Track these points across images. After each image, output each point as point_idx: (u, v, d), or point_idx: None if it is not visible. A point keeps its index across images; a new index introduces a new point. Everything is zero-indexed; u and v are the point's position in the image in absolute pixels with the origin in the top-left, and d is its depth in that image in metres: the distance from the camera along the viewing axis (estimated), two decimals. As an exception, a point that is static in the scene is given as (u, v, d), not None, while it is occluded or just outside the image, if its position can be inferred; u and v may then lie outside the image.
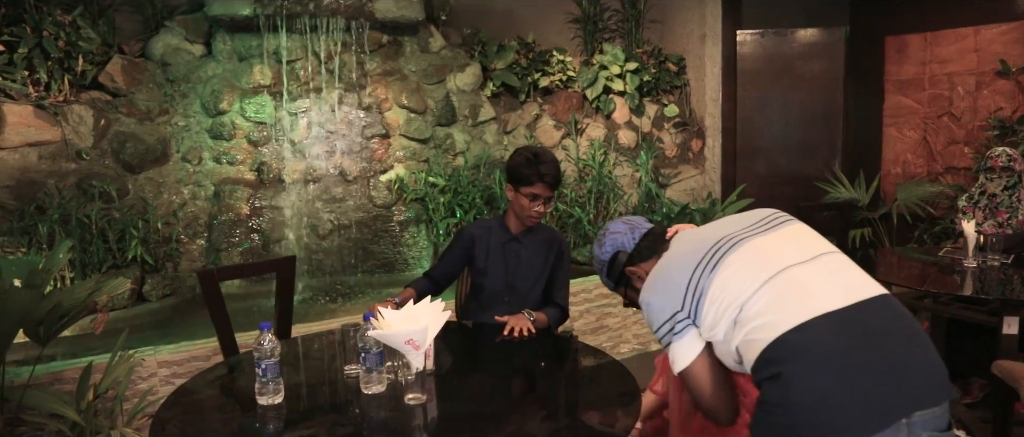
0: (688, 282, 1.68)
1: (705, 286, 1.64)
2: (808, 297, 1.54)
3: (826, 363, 1.46)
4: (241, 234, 5.13)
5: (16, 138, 4.44)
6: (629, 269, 1.94)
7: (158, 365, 3.32)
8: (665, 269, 1.78)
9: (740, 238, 1.69)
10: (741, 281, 1.60)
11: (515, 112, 6.06)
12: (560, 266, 2.84)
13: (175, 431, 1.87)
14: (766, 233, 1.71)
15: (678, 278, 1.70)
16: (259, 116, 5.20)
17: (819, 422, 1.43)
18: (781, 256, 1.63)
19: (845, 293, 1.56)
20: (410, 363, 1.94)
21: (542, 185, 2.65)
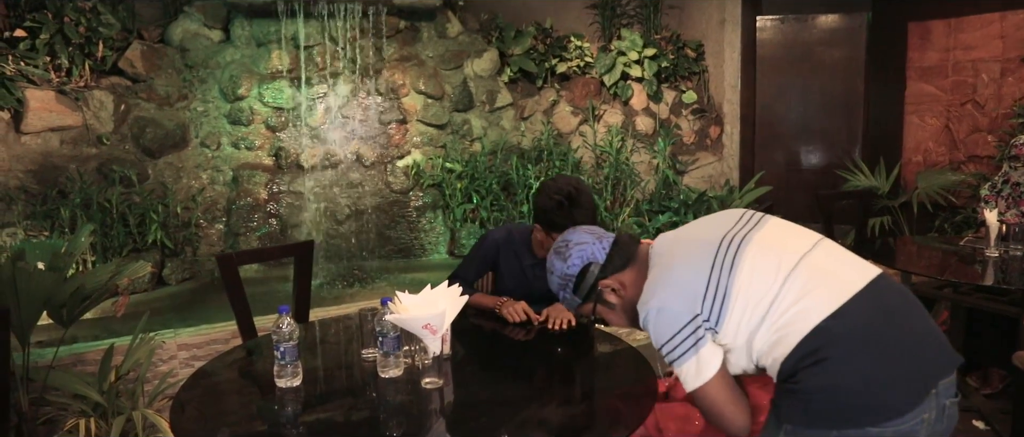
0: (706, 284, 1.59)
1: (727, 286, 1.58)
2: (833, 281, 1.55)
3: (865, 345, 1.49)
4: (259, 219, 5.16)
5: (38, 123, 4.49)
6: (603, 282, 1.77)
7: (178, 348, 3.36)
8: (673, 273, 1.65)
9: (742, 235, 1.65)
10: (764, 276, 1.57)
11: (532, 98, 6.04)
12: None
13: (194, 412, 1.89)
14: (759, 228, 1.68)
15: (693, 281, 1.61)
16: (277, 101, 5.22)
17: (867, 403, 1.46)
18: (791, 247, 1.63)
19: (858, 275, 1.58)
20: (427, 347, 1.94)
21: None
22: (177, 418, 1.84)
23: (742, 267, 1.58)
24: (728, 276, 1.58)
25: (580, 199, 2.34)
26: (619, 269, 1.76)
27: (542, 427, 1.76)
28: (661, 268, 1.68)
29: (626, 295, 1.76)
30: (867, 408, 1.46)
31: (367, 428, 1.84)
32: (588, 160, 6.00)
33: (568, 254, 1.80)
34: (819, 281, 1.55)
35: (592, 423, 1.83)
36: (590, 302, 1.81)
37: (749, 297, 1.56)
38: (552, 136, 5.92)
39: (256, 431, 1.84)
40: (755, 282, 1.57)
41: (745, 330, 1.58)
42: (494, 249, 2.67)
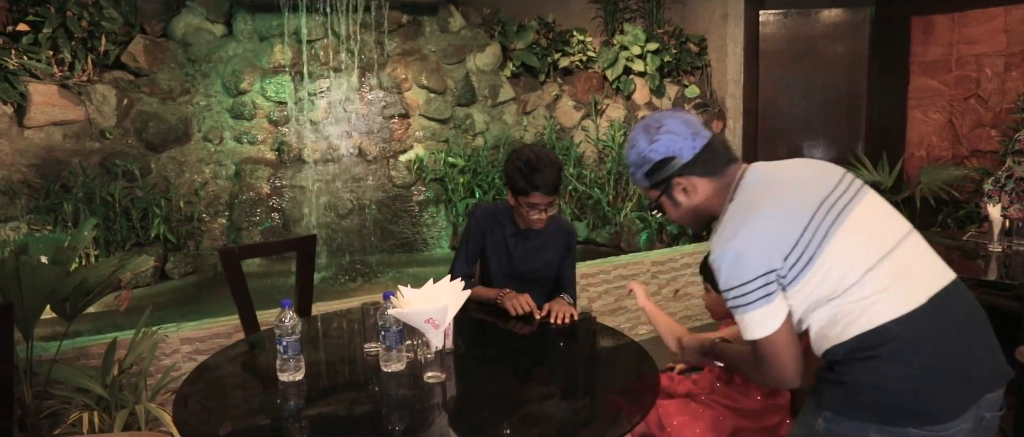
0: (794, 244, 1.53)
1: (814, 254, 1.52)
2: (910, 282, 1.54)
3: (921, 352, 1.49)
4: (262, 213, 5.17)
5: (41, 117, 4.49)
6: (677, 179, 1.69)
7: (181, 341, 3.37)
8: (760, 221, 1.56)
9: (841, 205, 1.58)
10: (852, 258, 1.53)
11: (535, 92, 6.04)
12: (570, 257, 2.77)
13: (197, 406, 1.89)
14: (858, 201, 1.60)
15: (780, 236, 1.54)
16: (279, 96, 5.22)
17: (912, 406, 1.48)
18: (884, 234, 1.59)
19: (933, 278, 1.57)
20: (429, 342, 1.95)
21: (539, 194, 2.49)
22: (180, 412, 1.85)
23: (835, 240, 1.53)
24: (818, 244, 1.52)
25: (540, 162, 2.46)
26: (700, 174, 1.68)
27: (544, 421, 1.77)
28: (748, 207, 1.60)
29: (695, 200, 1.70)
30: (911, 411, 1.48)
31: (369, 422, 1.84)
32: (591, 154, 5.99)
33: (656, 138, 1.69)
34: (898, 280, 1.53)
35: (594, 418, 1.83)
36: (658, 191, 1.74)
37: (830, 272, 1.52)
38: (554, 130, 5.91)
39: (258, 425, 1.84)
40: (843, 260, 1.52)
41: (811, 299, 1.54)
42: (480, 223, 2.73)
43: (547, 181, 2.46)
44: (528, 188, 2.47)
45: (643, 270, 4.57)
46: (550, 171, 2.47)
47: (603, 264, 4.46)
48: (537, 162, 2.46)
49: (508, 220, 2.72)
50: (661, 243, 5.23)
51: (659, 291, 4.64)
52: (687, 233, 5.18)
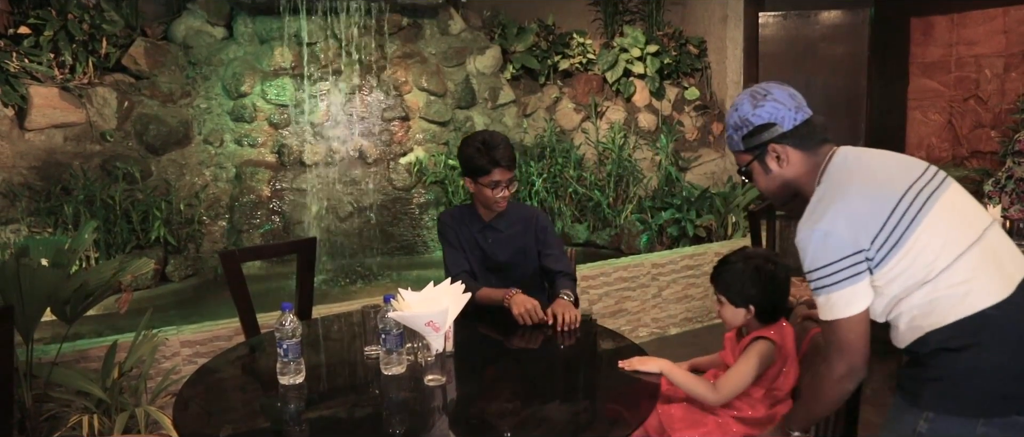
0: (882, 225, 1.55)
1: (903, 236, 1.53)
2: (1000, 270, 1.55)
3: (1021, 337, 1.50)
4: (262, 216, 5.17)
5: (42, 120, 4.50)
6: (774, 146, 1.72)
7: (181, 344, 3.37)
8: (849, 201, 1.58)
9: (930, 190, 1.59)
10: (942, 242, 1.54)
11: (535, 95, 6.04)
12: (547, 239, 2.77)
13: (198, 409, 1.89)
14: (945, 190, 1.62)
15: (868, 217, 1.56)
16: (280, 98, 5.23)
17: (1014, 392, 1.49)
18: (972, 221, 1.60)
19: (1019, 265, 1.59)
20: (430, 345, 1.95)
21: (500, 170, 2.54)
22: (180, 415, 1.85)
23: (924, 223, 1.54)
24: (908, 226, 1.54)
25: (494, 139, 2.56)
26: (795, 146, 1.72)
27: (544, 425, 1.76)
28: (837, 187, 1.63)
29: (786, 171, 1.74)
30: (1017, 396, 1.49)
31: (370, 425, 1.84)
32: (591, 157, 5.99)
33: (761, 104, 1.73)
34: (989, 265, 1.54)
35: (594, 421, 1.83)
36: (750, 155, 1.77)
37: (920, 255, 1.53)
38: (555, 133, 5.91)
39: (259, 428, 1.84)
40: (932, 243, 1.53)
41: (901, 283, 1.55)
42: (450, 226, 2.76)
43: (506, 155, 2.54)
44: (489, 165, 2.53)
45: (643, 272, 4.57)
46: (506, 147, 2.56)
47: (603, 266, 4.46)
48: (492, 139, 2.57)
49: (472, 218, 2.75)
50: (661, 245, 5.24)
51: (660, 293, 4.64)
52: (688, 235, 5.18)
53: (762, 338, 2.01)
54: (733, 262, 2.06)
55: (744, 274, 2.02)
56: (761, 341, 2.00)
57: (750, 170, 1.80)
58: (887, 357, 4.35)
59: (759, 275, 2.01)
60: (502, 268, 2.74)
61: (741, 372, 1.99)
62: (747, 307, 2.04)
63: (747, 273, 2.02)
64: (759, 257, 2.05)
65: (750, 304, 2.03)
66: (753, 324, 2.06)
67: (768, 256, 2.06)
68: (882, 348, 2.82)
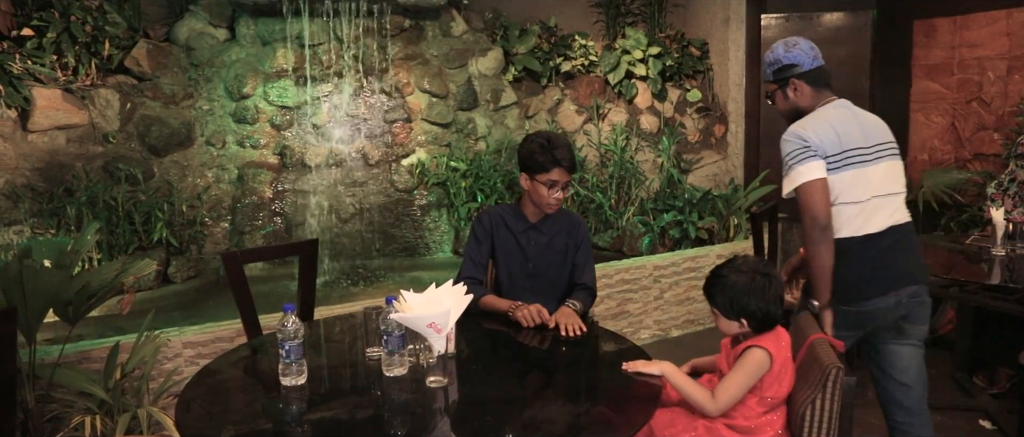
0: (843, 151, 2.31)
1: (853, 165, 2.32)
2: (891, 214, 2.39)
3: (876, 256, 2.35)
4: (264, 217, 5.17)
5: (45, 121, 4.50)
6: (795, 80, 2.44)
7: (183, 345, 3.37)
8: (823, 125, 2.33)
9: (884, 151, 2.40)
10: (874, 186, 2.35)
11: (537, 97, 6.04)
12: (582, 248, 2.75)
13: (200, 410, 1.89)
14: (892, 157, 2.42)
15: (831, 142, 2.31)
16: (282, 100, 5.23)
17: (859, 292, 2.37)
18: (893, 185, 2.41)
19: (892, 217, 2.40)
20: (432, 346, 1.95)
21: (560, 170, 2.55)
22: (182, 416, 1.85)
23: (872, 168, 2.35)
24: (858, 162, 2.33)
25: (558, 140, 2.59)
26: (808, 82, 2.44)
27: (547, 426, 1.76)
28: (820, 116, 2.38)
29: (799, 100, 2.46)
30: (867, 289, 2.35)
31: (371, 427, 1.84)
32: (593, 159, 5.99)
33: (792, 50, 2.45)
34: (874, 214, 2.35)
35: (596, 423, 1.83)
36: (776, 84, 2.49)
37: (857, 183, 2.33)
38: (556, 134, 5.91)
39: (261, 429, 1.84)
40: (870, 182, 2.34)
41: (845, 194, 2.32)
42: (487, 226, 2.73)
43: (567, 156, 2.56)
44: (549, 163, 2.54)
45: (645, 274, 4.57)
46: (568, 148, 2.59)
47: (605, 268, 4.45)
48: (556, 139, 2.59)
49: (516, 218, 2.72)
50: (663, 247, 5.23)
51: (661, 295, 4.63)
52: (689, 237, 5.18)
53: (756, 347, 2.01)
54: (724, 275, 2.06)
55: (736, 288, 2.02)
56: (755, 350, 2.00)
57: (773, 95, 2.52)
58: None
59: (751, 288, 2.01)
60: (539, 274, 2.71)
61: (735, 382, 1.99)
62: (739, 320, 2.04)
63: (739, 287, 2.02)
64: (750, 270, 2.04)
65: (742, 317, 2.04)
66: (748, 333, 2.06)
67: (758, 268, 2.05)
68: (884, 350, 2.76)
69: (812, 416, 1.95)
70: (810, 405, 1.95)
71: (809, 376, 2.01)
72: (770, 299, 2.02)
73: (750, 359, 2.00)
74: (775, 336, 2.04)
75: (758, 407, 2.04)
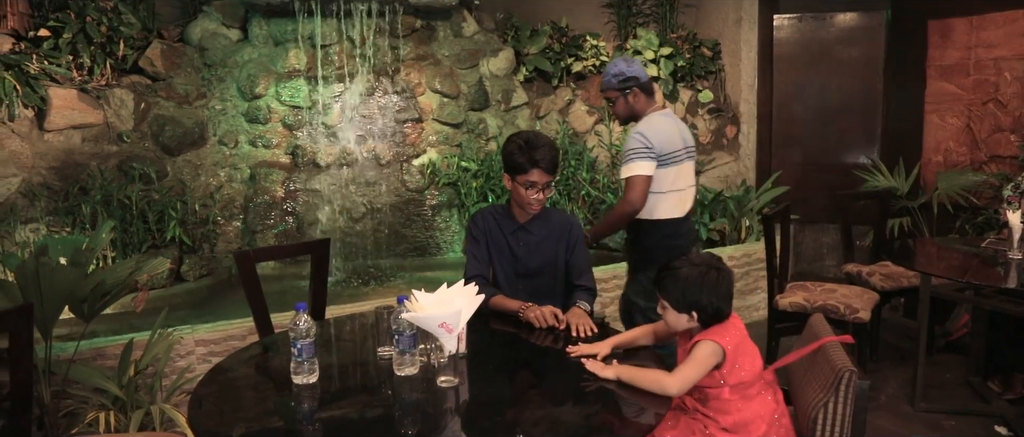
0: (668, 152, 3.07)
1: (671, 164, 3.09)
2: (687, 204, 3.22)
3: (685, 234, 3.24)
4: (276, 216, 5.20)
5: (61, 121, 4.54)
6: (635, 88, 3.13)
7: (195, 343, 3.39)
8: (662, 132, 3.07)
9: (682, 158, 3.16)
10: (678, 181, 3.14)
11: (548, 97, 6.04)
12: (577, 249, 2.72)
13: (212, 408, 1.91)
14: (688, 161, 3.21)
15: (662, 144, 3.05)
16: (294, 100, 5.26)
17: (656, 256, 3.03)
18: (689, 178, 3.23)
19: (690, 205, 3.25)
20: (443, 346, 1.95)
21: (538, 171, 2.53)
22: (195, 413, 1.86)
23: (686, 166, 3.19)
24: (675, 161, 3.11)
25: (538, 139, 2.59)
26: (643, 91, 3.15)
27: (557, 427, 1.76)
28: (657, 122, 3.09)
29: (634, 104, 3.16)
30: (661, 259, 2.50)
31: (382, 426, 1.84)
32: (604, 159, 5.99)
33: (632, 64, 3.15)
34: (678, 203, 3.17)
35: (607, 424, 1.83)
36: (618, 91, 3.14)
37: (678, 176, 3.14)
38: (567, 135, 5.91)
39: (273, 427, 1.85)
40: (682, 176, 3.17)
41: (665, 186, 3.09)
42: (480, 228, 2.73)
43: (546, 157, 2.54)
44: (527, 164, 2.53)
45: (656, 275, 4.55)
46: (548, 149, 2.56)
47: (616, 269, 4.45)
48: (536, 140, 2.57)
49: (506, 218, 2.72)
50: (675, 248, 5.22)
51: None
52: (700, 238, 5.16)
53: (706, 340, 2.00)
54: (677, 268, 2.05)
55: (688, 281, 2.01)
56: (705, 343, 2.00)
57: (615, 101, 3.18)
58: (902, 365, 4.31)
59: (702, 282, 2.00)
60: (531, 274, 2.70)
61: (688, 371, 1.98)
62: (689, 313, 2.04)
63: (691, 279, 2.01)
64: (703, 264, 2.04)
65: (692, 310, 2.03)
66: (696, 328, 2.06)
67: (711, 262, 2.05)
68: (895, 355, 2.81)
69: (824, 420, 1.94)
70: (822, 408, 1.94)
71: (821, 378, 2.00)
72: (721, 294, 2.01)
73: (701, 351, 1.99)
74: (724, 327, 2.03)
75: (732, 395, 2.03)
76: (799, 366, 2.17)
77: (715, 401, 2.04)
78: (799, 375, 2.15)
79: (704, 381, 2.02)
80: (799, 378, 2.15)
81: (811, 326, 2.28)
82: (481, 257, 2.73)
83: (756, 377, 2.05)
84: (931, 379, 3.87)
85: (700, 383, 2.03)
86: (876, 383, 3.91)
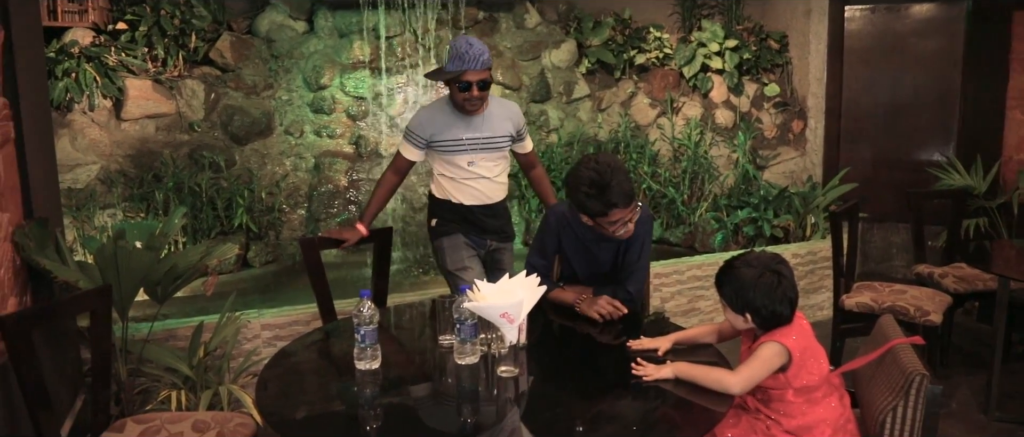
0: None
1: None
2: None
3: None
4: (339, 205, 5.29)
5: (137, 111, 4.72)
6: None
7: (261, 327, 3.49)
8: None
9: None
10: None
11: (610, 89, 5.99)
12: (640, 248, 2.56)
13: (277, 390, 1.96)
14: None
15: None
16: (358, 91, 5.34)
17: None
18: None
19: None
20: (504, 336, 1.96)
21: (618, 210, 2.30)
22: (261, 395, 1.91)
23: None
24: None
25: (609, 175, 2.26)
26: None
27: (616, 421, 1.75)
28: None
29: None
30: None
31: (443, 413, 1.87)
32: (666, 153, 5.91)
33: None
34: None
35: (667, 419, 1.81)
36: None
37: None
38: (629, 128, 5.85)
39: (335, 411, 1.89)
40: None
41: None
42: (557, 227, 2.63)
43: (622, 192, 2.27)
44: (604, 209, 2.29)
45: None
46: (620, 179, 2.28)
47: (677, 264, 4.39)
48: (604, 176, 2.26)
49: (582, 226, 2.53)
50: (737, 244, 5.12)
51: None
52: (764, 235, 5.05)
53: (771, 341, 1.95)
54: (735, 267, 2.00)
55: (743, 281, 1.96)
56: (770, 344, 1.95)
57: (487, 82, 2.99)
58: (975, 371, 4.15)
59: (757, 284, 1.95)
60: (607, 274, 2.61)
61: (752, 369, 1.94)
62: (744, 314, 1.99)
63: (746, 281, 1.96)
64: (761, 265, 1.97)
65: (746, 312, 1.98)
66: (755, 330, 2.01)
67: (770, 264, 1.98)
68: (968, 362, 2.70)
69: (892, 424, 1.88)
70: (891, 412, 1.88)
71: (890, 381, 1.94)
72: (777, 298, 1.94)
73: (766, 351, 1.95)
74: (789, 329, 1.97)
75: (797, 398, 1.98)
76: (866, 367, 2.11)
77: (779, 403, 2.00)
78: (866, 377, 2.09)
79: (768, 382, 1.98)
80: (866, 380, 2.09)
81: (880, 327, 2.21)
82: (548, 251, 2.68)
83: (822, 380, 2.00)
84: (1007, 387, 3.71)
85: (763, 384, 1.99)
86: (947, 389, 3.77)
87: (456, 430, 1.77)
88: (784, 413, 1.99)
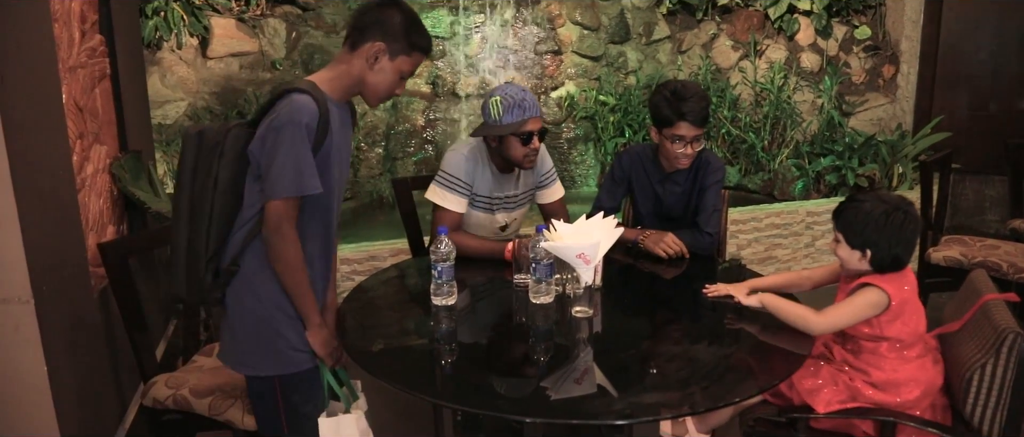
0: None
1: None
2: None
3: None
4: (416, 144, 5.35)
5: (221, 49, 4.85)
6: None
7: (340, 261, 3.59)
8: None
9: None
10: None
11: (691, 31, 5.81)
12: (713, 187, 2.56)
13: (354, 323, 2.03)
14: None
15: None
16: (435, 30, 5.33)
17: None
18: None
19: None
20: (579, 277, 1.97)
21: (686, 124, 2.39)
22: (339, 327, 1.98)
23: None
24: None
25: (687, 90, 2.41)
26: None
27: (692, 365, 1.75)
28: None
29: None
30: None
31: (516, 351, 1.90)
32: (747, 98, 5.73)
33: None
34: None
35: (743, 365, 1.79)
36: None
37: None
38: (710, 71, 5.68)
39: (411, 344, 1.95)
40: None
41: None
42: (627, 168, 2.67)
43: (694, 110, 2.38)
44: (674, 117, 2.39)
45: (797, 220, 4.37)
46: (698, 101, 2.39)
47: (755, 211, 4.30)
48: (685, 91, 2.40)
49: (653, 164, 2.62)
50: (818, 193, 4.96)
51: (813, 243, 4.42)
52: (847, 184, 4.87)
53: (872, 285, 1.87)
54: (861, 201, 1.91)
55: (870, 215, 1.86)
56: (871, 288, 1.87)
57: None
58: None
59: (885, 220, 1.85)
60: (674, 218, 2.63)
61: (842, 312, 1.89)
62: (863, 251, 1.89)
63: (873, 215, 1.86)
64: (891, 203, 1.88)
65: (867, 248, 1.88)
66: (867, 270, 1.92)
67: (900, 204, 1.88)
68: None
69: (980, 382, 1.82)
70: (979, 370, 1.82)
71: (979, 338, 1.87)
72: (902, 239, 1.86)
73: (863, 296, 1.88)
74: (898, 277, 1.90)
75: (890, 352, 1.92)
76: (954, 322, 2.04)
77: (870, 355, 1.95)
78: (954, 332, 2.02)
79: (862, 330, 1.92)
80: (954, 336, 2.01)
81: (971, 282, 2.12)
82: (616, 194, 2.71)
83: (917, 338, 1.94)
84: (1105, 349, 3.53)
85: (855, 334, 1.94)
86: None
87: (530, 368, 1.80)
88: (874, 365, 1.94)
